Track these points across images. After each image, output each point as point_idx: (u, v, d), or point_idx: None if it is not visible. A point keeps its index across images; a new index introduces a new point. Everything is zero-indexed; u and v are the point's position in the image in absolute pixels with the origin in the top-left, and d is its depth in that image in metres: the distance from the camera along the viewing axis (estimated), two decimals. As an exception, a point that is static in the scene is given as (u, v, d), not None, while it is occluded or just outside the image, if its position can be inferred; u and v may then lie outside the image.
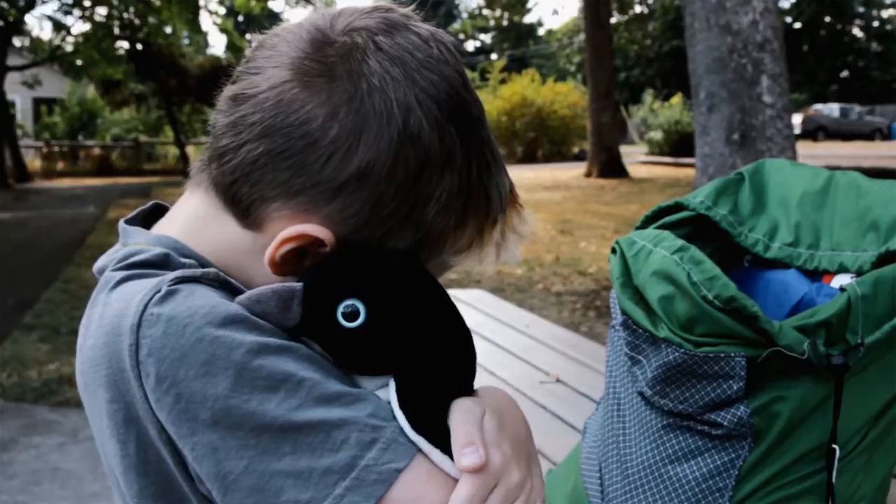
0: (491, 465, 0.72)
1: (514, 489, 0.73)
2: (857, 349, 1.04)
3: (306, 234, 0.76)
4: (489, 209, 0.83)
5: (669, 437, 1.13)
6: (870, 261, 1.17)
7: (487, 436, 0.73)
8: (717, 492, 1.09)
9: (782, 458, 1.08)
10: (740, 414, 1.07)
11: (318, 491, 0.68)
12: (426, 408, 0.74)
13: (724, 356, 1.05)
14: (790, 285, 1.23)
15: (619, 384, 1.25)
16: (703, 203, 1.30)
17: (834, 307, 1.05)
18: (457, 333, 0.80)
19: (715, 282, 1.06)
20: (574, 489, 1.31)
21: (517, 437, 0.78)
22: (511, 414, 0.80)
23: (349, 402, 0.71)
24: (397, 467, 0.70)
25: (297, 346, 0.73)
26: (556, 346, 2.57)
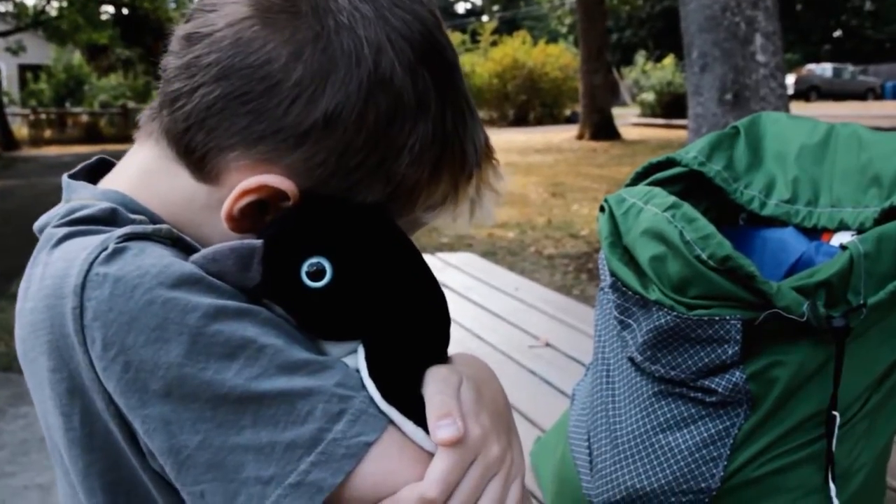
0: (469, 437, 0.67)
1: (494, 463, 0.69)
2: (860, 310, 0.98)
3: (267, 186, 0.70)
4: (464, 163, 0.78)
5: (661, 405, 1.07)
6: (872, 217, 1.11)
7: (465, 406, 0.68)
8: (710, 461, 1.03)
9: (780, 426, 1.02)
10: (736, 380, 1.01)
11: (281, 466, 0.63)
12: (398, 376, 0.69)
13: (718, 319, 0.99)
14: (788, 244, 1.17)
15: (609, 349, 1.19)
16: (697, 158, 1.24)
17: (835, 266, 0.99)
18: (431, 296, 0.74)
19: (709, 240, 1.00)
20: (562, 457, 1.26)
21: (496, 408, 0.73)
22: (489, 383, 0.75)
23: (315, 371, 0.66)
24: (367, 440, 0.65)
25: (258, 310, 0.68)
26: (546, 309, 2.52)
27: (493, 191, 0.85)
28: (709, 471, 1.03)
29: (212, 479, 0.63)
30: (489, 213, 0.85)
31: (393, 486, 0.65)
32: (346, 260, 0.69)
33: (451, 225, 0.84)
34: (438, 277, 0.76)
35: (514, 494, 0.70)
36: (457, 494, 0.66)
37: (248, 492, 0.63)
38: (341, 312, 0.69)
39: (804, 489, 1.03)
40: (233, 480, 0.63)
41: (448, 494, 0.65)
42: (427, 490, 0.65)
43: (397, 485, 0.65)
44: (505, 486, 0.69)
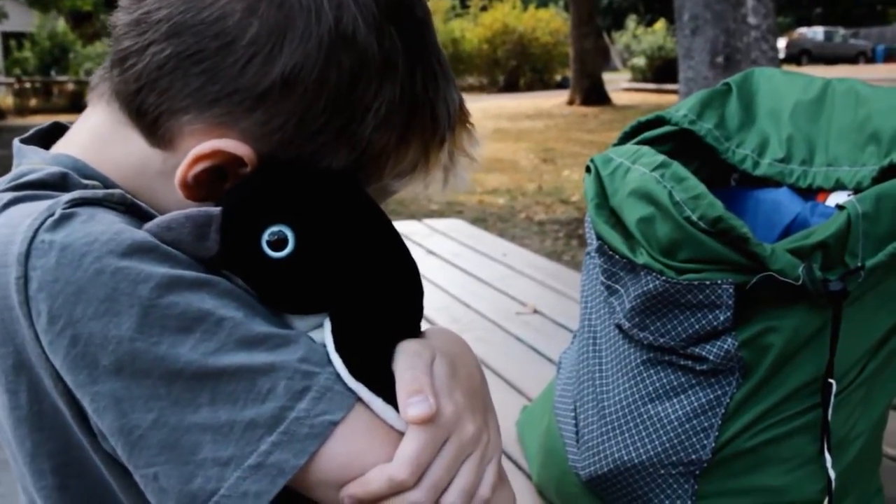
0: (442, 415, 0.62)
1: (469, 443, 0.64)
2: (857, 273, 0.94)
3: (222, 151, 0.65)
4: (436, 126, 0.73)
5: (650, 374, 1.03)
6: (870, 176, 1.06)
7: (438, 383, 0.64)
8: (701, 432, 0.99)
9: (773, 395, 0.98)
10: (727, 347, 0.97)
11: (240, 447, 0.59)
12: (367, 351, 0.64)
13: (709, 283, 0.94)
14: (781, 205, 1.12)
15: (595, 316, 1.14)
16: (687, 116, 1.19)
17: (832, 227, 0.94)
18: (402, 266, 0.69)
19: (700, 201, 0.95)
20: (548, 428, 1.22)
21: (471, 385, 0.68)
22: (464, 358, 0.70)
23: (277, 345, 0.62)
24: (333, 419, 0.61)
25: (217, 280, 0.63)
26: (535, 275, 2.47)
27: (468, 156, 0.80)
28: (699, 442, 0.99)
29: (166, 460, 0.59)
30: (463, 179, 0.80)
31: (361, 468, 0.61)
32: (310, 228, 0.64)
33: (424, 192, 0.79)
34: (425, 244, 0.71)
35: (489, 475, 0.66)
36: (428, 475, 0.62)
37: (205, 474, 0.59)
38: (305, 284, 0.65)
39: (798, 460, 0.99)
40: (188, 462, 0.59)
41: (419, 475, 0.61)
42: (397, 471, 0.60)
43: (365, 466, 0.61)
44: (480, 467, 0.65)
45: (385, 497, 0.61)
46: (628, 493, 1.03)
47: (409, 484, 0.60)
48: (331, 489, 0.62)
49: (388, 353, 0.65)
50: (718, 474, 1.00)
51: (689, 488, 1.01)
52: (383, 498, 0.61)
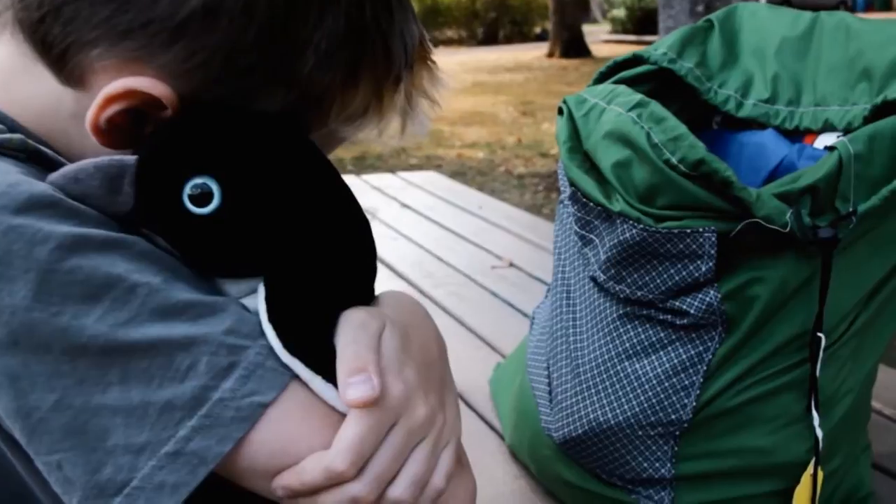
0: (388, 396, 0.55)
1: (420, 426, 0.57)
2: (849, 219, 0.87)
3: (136, 91, 0.57)
4: (389, 64, 0.64)
5: (626, 329, 0.96)
6: (861, 115, 0.99)
7: (386, 359, 0.56)
8: (682, 390, 0.93)
9: (758, 350, 0.91)
10: (710, 299, 0.90)
11: (156, 432, 0.52)
12: (305, 321, 0.57)
13: (690, 231, 0.87)
14: (767, 148, 1.05)
15: (569, 268, 1.07)
16: (666, 55, 1.11)
17: (822, 170, 0.87)
18: (349, 223, 0.61)
19: (680, 142, 0.88)
20: (520, 387, 1.15)
21: (426, 359, 0.61)
22: (420, 329, 0.63)
23: (200, 315, 0.54)
24: (263, 400, 0.53)
25: (132, 241, 0.55)
26: (512, 228, 2.40)
27: (429, 98, 0.71)
28: (679, 401, 0.93)
29: (70, 447, 0.52)
30: (423, 124, 0.71)
31: (296, 455, 0.54)
32: (239, 180, 0.57)
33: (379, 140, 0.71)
34: (399, 197, 0.63)
35: (444, 463, 0.59)
36: (371, 465, 0.54)
37: (115, 462, 0.52)
38: (234, 243, 0.57)
39: (784, 419, 0.93)
40: (96, 449, 0.52)
41: (360, 465, 0.54)
42: (334, 461, 0.53)
43: (301, 453, 0.54)
44: (433, 454, 0.58)
45: (322, 489, 0.54)
46: (604, 456, 0.97)
47: (348, 475, 0.53)
48: (262, 479, 0.55)
49: (330, 324, 0.57)
50: (700, 435, 0.94)
51: (669, 450, 0.95)
52: (320, 490, 0.54)
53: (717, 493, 0.95)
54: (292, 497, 0.55)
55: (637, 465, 0.96)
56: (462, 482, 0.63)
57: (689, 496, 0.95)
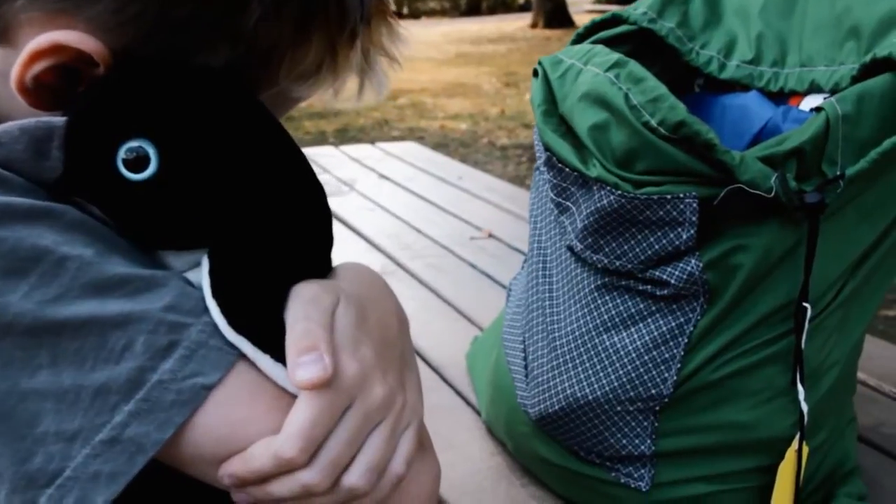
0: (342, 376, 0.51)
1: (377, 408, 0.53)
2: (836, 183, 0.83)
3: (64, 46, 0.52)
4: (343, 18, 0.59)
5: (604, 300, 0.92)
6: (849, 75, 0.94)
7: (339, 336, 0.52)
8: (662, 364, 0.89)
9: (742, 321, 0.88)
10: (691, 269, 0.86)
11: (89, 418, 0.47)
12: (252, 295, 0.52)
13: (670, 198, 0.83)
14: (750, 110, 1.00)
15: (546, 237, 1.03)
16: (646, 14, 1.06)
17: (808, 131, 0.83)
18: (301, 190, 0.57)
19: (659, 104, 0.84)
20: (496, 361, 1.11)
21: (385, 336, 0.56)
22: (379, 302, 0.58)
23: (136, 291, 0.49)
24: (206, 382, 0.49)
25: (62, 210, 0.50)
26: (492, 198, 2.36)
27: (389, 56, 0.66)
28: (659, 375, 0.89)
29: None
30: (382, 83, 0.66)
31: (243, 441, 0.50)
32: (177, 142, 0.52)
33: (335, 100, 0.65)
34: (378, 168, 0.58)
35: (405, 447, 0.54)
36: (324, 451, 0.50)
37: (46, 451, 0.47)
38: (173, 211, 0.52)
39: (768, 392, 0.89)
40: (25, 437, 0.47)
41: (312, 451, 0.50)
42: (283, 446, 0.49)
43: (249, 439, 0.50)
44: (391, 438, 0.54)
45: (272, 476, 0.50)
46: (582, 432, 0.93)
47: (298, 461, 0.49)
48: (209, 466, 0.51)
49: (279, 298, 0.53)
50: (681, 410, 0.90)
51: (649, 426, 0.91)
52: (270, 477, 0.50)
53: (699, 470, 0.91)
54: (240, 486, 0.51)
55: (616, 441, 0.92)
56: (425, 466, 0.58)
57: (670, 473, 0.92)
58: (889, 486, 1.06)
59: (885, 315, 2.55)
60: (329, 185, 2.52)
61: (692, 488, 0.92)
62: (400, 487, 0.55)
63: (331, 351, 0.50)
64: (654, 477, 0.92)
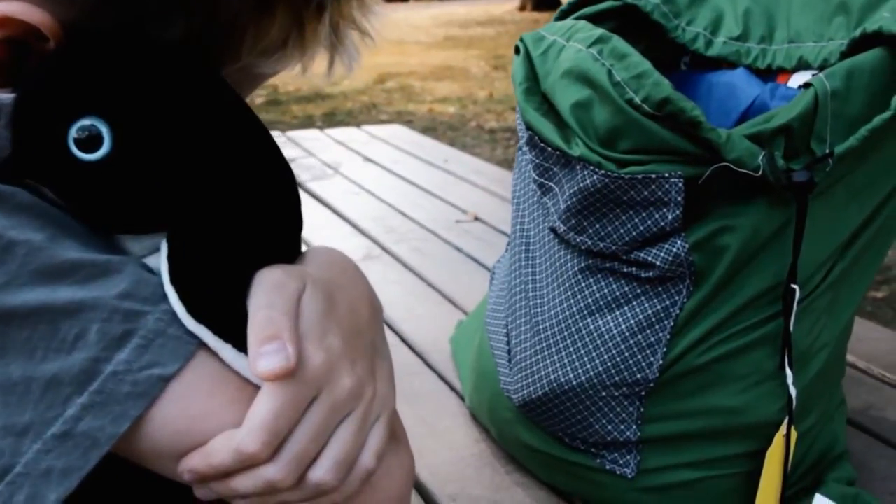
0: (307, 367, 0.48)
1: (345, 400, 0.50)
2: (825, 161, 0.81)
3: (10, 18, 0.49)
4: None
5: (588, 283, 0.90)
6: (838, 51, 0.92)
7: (305, 324, 0.49)
8: (647, 348, 0.87)
9: (729, 304, 0.85)
10: (676, 250, 0.84)
11: (40, 412, 0.45)
12: (213, 281, 0.49)
13: (655, 177, 0.81)
14: (737, 88, 0.98)
15: (529, 219, 1.00)
16: (631, -10, 1.04)
17: (796, 108, 0.81)
18: (266, 169, 0.54)
19: (643, 80, 0.81)
20: (480, 346, 1.09)
21: (354, 324, 0.53)
22: (349, 288, 0.55)
23: (90, 277, 0.47)
24: (164, 373, 0.46)
25: (10, 192, 0.47)
26: (478, 181, 2.33)
27: (360, 30, 0.63)
28: (645, 359, 0.87)
29: None
30: (353, 58, 0.62)
31: (204, 435, 0.47)
32: (132, 120, 0.49)
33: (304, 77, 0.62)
34: (363, 151, 0.54)
35: (374, 440, 0.52)
36: (289, 445, 0.47)
37: None
38: (129, 193, 0.49)
39: (756, 376, 0.87)
40: None
41: (275, 445, 0.47)
42: (245, 441, 0.46)
43: (209, 432, 0.47)
44: (360, 430, 0.51)
45: (235, 471, 0.47)
46: (566, 418, 0.91)
47: (261, 456, 0.46)
48: (168, 461, 0.48)
49: (243, 285, 0.50)
50: (667, 395, 0.88)
51: (635, 411, 0.89)
52: (233, 472, 0.47)
53: (685, 456, 0.90)
54: (201, 481, 0.48)
55: (601, 427, 0.90)
56: (397, 460, 0.56)
57: (656, 459, 0.90)
58: (879, 469, 1.05)
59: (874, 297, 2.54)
60: (314, 169, 2.49)
61: (679, 474, 0.90)
62: (370, 482, 0.52)
63: (295, 340, 0.47)
64: (639, 463, 0.90)
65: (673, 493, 0.90)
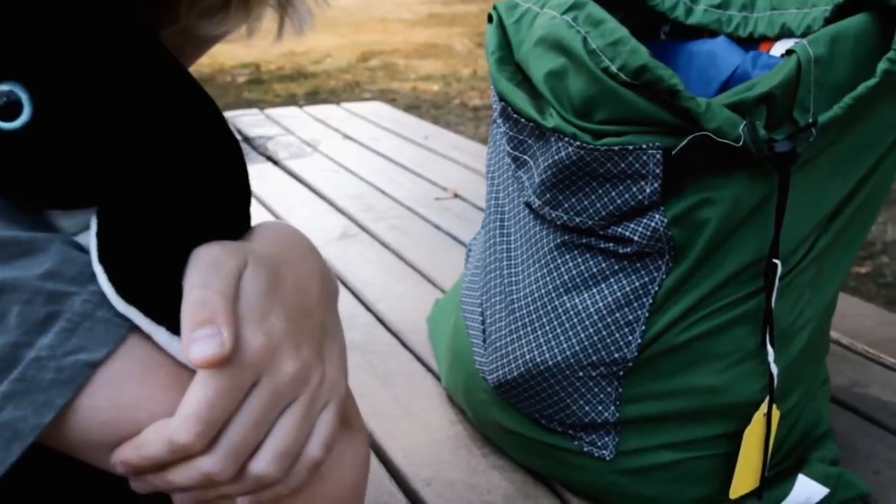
0: (245, 351, 0.44)
1: (288, 386, 0.46)
2: (808, 131, 0.78)
3: None
4: None
5: (564, 260, 0.86)
6: (821, 17, 0.89)
7: (244, 304, 0.46)
8: (625, 326, 0.84)
9: (709, 280, 0.82)
10: (655, 225, 0.80)
11: None
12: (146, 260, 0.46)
13: (632, 149, 0.78)
14: (718, 57, 0.95)
15: (503, 194, 0.97)
16: (609, -44, 1.00)
17: (778, 76, 0.78)
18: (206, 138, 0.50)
19: (620, 48, 0.78)
20: (455, 325, 1.06)
21: (302, 304, 0.49)
22: (298, 265, 0.51)
23: (11, 256, 0.44)
24: (91, 359, 0.43)
25: None
26: (459, 158, 2.30)
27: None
28: (623, 338, 0.84)
29: None
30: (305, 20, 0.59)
31: (136, 424, 0.44)
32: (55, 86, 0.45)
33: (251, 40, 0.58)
34: (342, 129, 0.50)
35: (322, 428, 0.48)
36: (226, 435, 0.44)
37: None
38: (53, 164, 0.46)
39: (737, 355, 0.84)
40: None
41: (211, 436, 0.44)
42: (176, 431, 0.43)
43: (142, 422, 0.44)
44: (306, 418, 0.47)
45: (170, 463, 0.44)
46: (542, 399, 0.88)
47: (196, 447, 0.43)
48: (100, 452, 0.45)
49: (178, 263, 0.47)
50: (645, 375, 0.85)
51: (613, 392, 0.86)
52: (167, 465, 0.44)
53: (665, 437, 0.87)
54: (136, 474, 0.45)
55: (578, 408, 0.87)
56: (350, 448, 0.53)
57: (635, 441, 0.87)
58: (863, 447, 1.03)
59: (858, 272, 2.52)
60: (292, 147, 2.45)
61: (658, 456, 0.87)
62: (320, 473, 0.49)
63: (230, 323, 0.44)
64: (618, 445, 0.87)
65: (652, 476, 0.88)
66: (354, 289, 1.49)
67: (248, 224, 0.53)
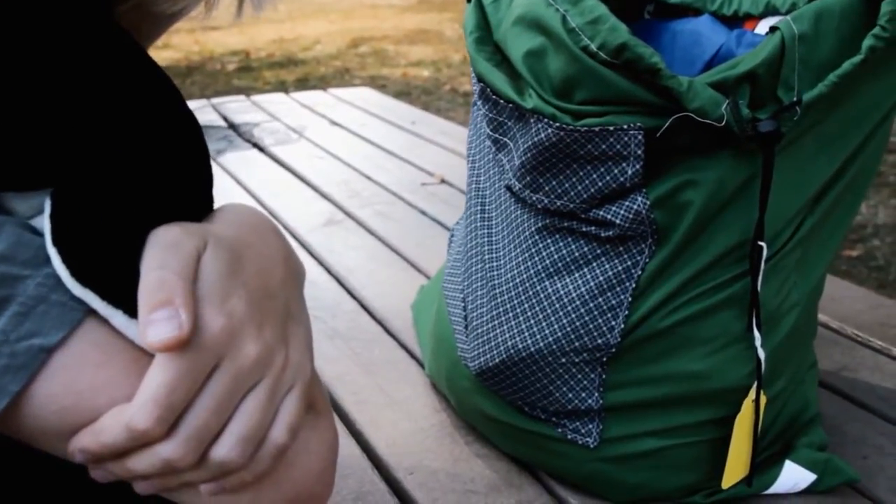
0: (205, 334, 0.43)
1: (250, 369, 0.45)
2: (793, 110, 0.76)
3: None
4: None
5: (546, 244, 0.85)
6: (807, -6, 0.87)
7: (204, 286, 0.44)
8: (608, 311, 0.82)
9: (693, 263, 0.81)
10: (637, 207, 0.79)
11: None
12: (102, 241, 0.44)
13: (613, 129, 0.76)
14: (702, 36, 0.93)
15: (484, 178, 0.95)
16: (591, -66, 0.98)
17: (762, 54, 0.76)
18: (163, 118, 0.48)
19: (599, 26, 0.76)
20: (438, 311, 1.04)
21: (265, 286, 0.48)
22: (261, 247, 0.50)
23: None
24: (46, 343, 0.42)
25: None
26: (446, 143, 2.27)
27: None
28: (606, 323, 0.82)
29: None
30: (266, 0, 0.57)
31: (94, 411, 0.43)
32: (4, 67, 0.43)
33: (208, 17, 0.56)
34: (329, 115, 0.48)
35: (287, 412, 0.47)
36: (187, 421, 0.43)
37: None
38: (4, 146, 0.44)
39: (723, 339, 0.82)
40: None
41: (170, 421, 0.42)
42: (135, 417, 0.42)
43: (100, 408, 0.43)
44: (270, 402, 0.46)
45: (129, 451, 0.43)
46: (525, 387, 0.87)
47: (155, 433, 0.42)
48: (57, 440, 0.43)
49: (136, 245, 0.45)
50: (629, 360, 0.83)
51: (596, 378, 0.84)
52: (127, 452, 0.43)
53: (649, 424, 0.85)
54: (95, 462, 0.44)
55: (561, 395, 0.86)
56: (316, 433, 0.51)
57: (619, 428, 0.86)
58: (851, 432, 1.01)
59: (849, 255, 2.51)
60: (278, 133, 2.43)
61: (642, 444, 0.85)
62: (285, 459, 0.48)
63: (189, 305, 0.42)
64: (602, 432, 0.86)
65: (636, 463, 0.86)
66: (339, 276, 1.47)
67: (211, 207, 0.51)
